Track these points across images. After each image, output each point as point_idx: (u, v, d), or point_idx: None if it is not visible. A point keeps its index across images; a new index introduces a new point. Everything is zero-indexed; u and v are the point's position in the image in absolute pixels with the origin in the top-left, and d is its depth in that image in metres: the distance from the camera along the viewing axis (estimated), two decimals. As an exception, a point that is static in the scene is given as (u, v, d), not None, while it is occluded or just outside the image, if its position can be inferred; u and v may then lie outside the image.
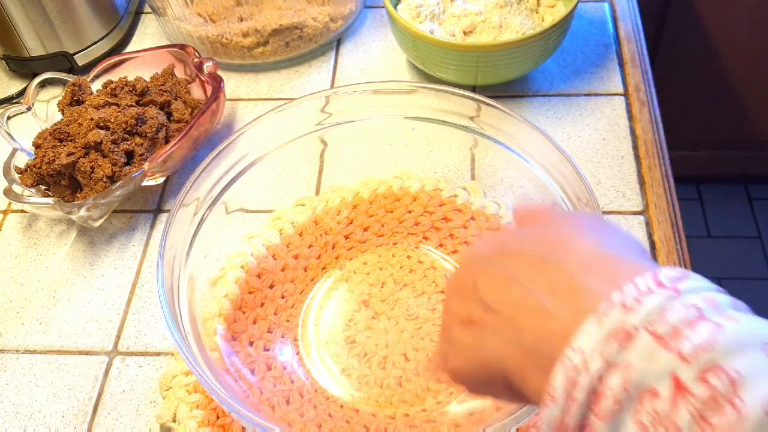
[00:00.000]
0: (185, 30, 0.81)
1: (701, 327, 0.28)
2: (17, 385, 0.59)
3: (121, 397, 0.58)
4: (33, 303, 0.65)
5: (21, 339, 0.62)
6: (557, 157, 0.55)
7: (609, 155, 0.70)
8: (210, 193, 0.59)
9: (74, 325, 0.63)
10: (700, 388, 0.27)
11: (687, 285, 0.30)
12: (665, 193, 0.66)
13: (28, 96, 0.71)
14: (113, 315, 0.63)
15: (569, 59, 0.79)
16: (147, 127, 0.68)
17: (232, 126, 0.77)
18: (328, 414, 0.55)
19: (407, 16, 0.75)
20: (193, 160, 0.72)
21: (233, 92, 0.80)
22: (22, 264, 0.68)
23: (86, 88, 0.72)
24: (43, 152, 0.66)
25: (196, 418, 0.55)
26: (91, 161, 0.65)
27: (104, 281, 0.66)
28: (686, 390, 0.27)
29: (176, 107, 0.72)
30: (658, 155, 0.69)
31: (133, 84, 0.72)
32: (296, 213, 0.66)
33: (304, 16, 0.80)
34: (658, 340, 0.28)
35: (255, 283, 0.62)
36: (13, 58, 0.83)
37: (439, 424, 0.53)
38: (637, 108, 0.73)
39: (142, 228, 0.69)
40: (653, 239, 0.63)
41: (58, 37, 0.81)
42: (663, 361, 0.28)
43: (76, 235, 0.69)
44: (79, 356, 0.61)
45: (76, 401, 0.58)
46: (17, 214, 0.72)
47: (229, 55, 0.82)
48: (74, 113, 0.68)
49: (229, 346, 0.58)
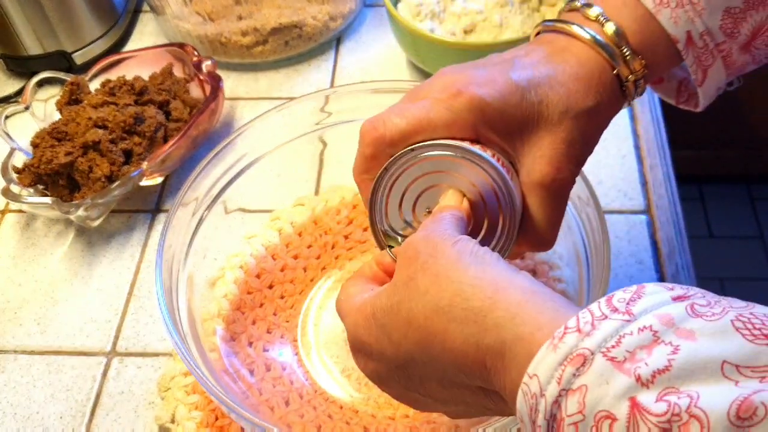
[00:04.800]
0: (184, 29, 0.81)
1: (657, 351, 0.27)
2: (15, 386, 0.59)
3: (120, 398, 0.58)
4: (31, 303, 0.64)
5: (19, 339, 0.62)
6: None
7: (611, 155, 0.69)
8: (209, 193, 0.59)
9: (72, 326, 0.62)
10: (660, 406, 0.26)
11: (640, 306, 0.29)
12: (667, 192, 0.66)
13: (26, 95, 0.71)
14: (111, 315, 0.63)
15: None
16: (145, 126, 0.67)
17: (231, 125, 0.76)
18: (327, 415, 0.54)
19: (407, 14, 0.75)
20: (191, 159, 0.71)
21: (232, 91, 0.80)
22: (20, 264, 0.68)
23: (84, 87, 0.72)
24: (41, 152, 0.65)
25: (195, 419, 0.55)
26: (90, 161, 0.65)
27: (102, 281, 0.65)
28: (644, 410, 0.26)
29: (175, 106, 0.71)
30: (660, 155, 0.69)
31: (132, 83, 0.71)
32: (296, 213, 0.66)
33: (304, 15, 0.79)
34: (615, 365, 0.28)
35: (254, 283, 0.61)
36: (11, 57, 0.83)
37: (439, 425, 0.53)
38: (638, 107, 0.73)
39: (140, 228, 0.69)
40: (655, 239, 0.63)
41: (56, 36, 0.81)
42: (620, 384, 0.27)
43: (74, 235, 0.69)
44: (77, 357, 0.60)
45: (74, 402, 0.58)
46: (15, 214, 0.72)
47: (228, 54, 0.81)
48: (72, 112, 0.68)
49: (228, 347, 0.57)
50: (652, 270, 0.61)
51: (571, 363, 0.28)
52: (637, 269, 0.61)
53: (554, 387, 0.29)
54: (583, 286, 0.52)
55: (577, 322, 0.29)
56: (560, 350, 0.29)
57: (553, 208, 0.41)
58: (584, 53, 0.41)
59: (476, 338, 0.33)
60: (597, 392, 0.27)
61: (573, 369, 0.28)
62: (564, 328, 0.29)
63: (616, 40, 0.41)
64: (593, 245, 0.51)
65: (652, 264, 0.61)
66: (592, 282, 0.50)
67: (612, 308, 0.29)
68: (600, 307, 0.30)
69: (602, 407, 0.27)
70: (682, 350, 0.27)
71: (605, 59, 0.41)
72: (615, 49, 0.41)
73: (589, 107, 0.40)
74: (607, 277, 0.47)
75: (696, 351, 0.27)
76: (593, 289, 0.49)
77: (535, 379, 0.29)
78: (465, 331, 0.33)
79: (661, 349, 0.27)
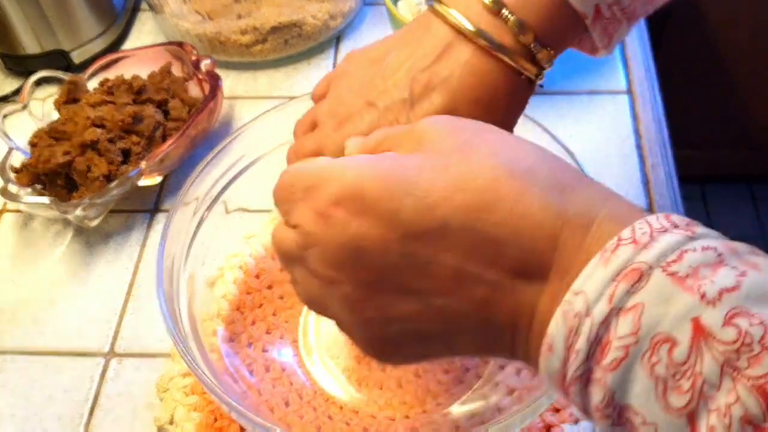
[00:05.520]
0: (183, 27, 0.80)
1: (723, 271, 0.24)
2: (13, 387, 0.59)
3: (118, 399, 0.57)
4: (28, 304, 0.64)
5: (16, 340, 0.62)
6: (560, 155, 0.55)
7: (612, 154, 0.69)
8: (209, 193, 0.58)
9: (70, 327, 0.62)
10: (729, 332, 0.23)
11: (702, 229, 0.27)
12: (669, 192, 0.66)
13: (23, 94, 0.71)
14: (110, 316, 0.62)
15: (571, 57, 0.78)
16: (144, 125, 0.67)
17: (230, 125, 0.76)
18: (327, 416, 0.54)
19: (407, 13, 0.74)
20: (190, 159, 0.71)
21: (231, 90, 0.79)
22: (18, 264, 0.67)
23: (82, 86, 0.72)
24: (39, 151, 0.65)
25: (194, 420, 0.55)
26: (88, 160, 0.64)
27: (101, 282, 0.65)
28: (711, 335, 0.23)
29: (173, 106, 0.71)
30: (662, 154, 0.69)
31: (130, 82, 0.71)
32: (295, 212, 0.65)
33: (303, 14, 0.79)
34: (677, 281, 0.24)
35: (253, 283, 0.61)
36: (8, 55, 0.82)
37: (440, 426, 0.53)
38: (640, 106, 0.73)
39: (139, 228, 0.68)
40: (657, 238, 0.62)
41: (54, 35, 0.80)
42: (682, 303, 0.24)
43: (72, 235, 0.69)
44: (75, 358, 0.60)
45: (73, 403, 0.58)
46: (13, 214, 0.71)
47: (227, 53, 0.81)
48: (70, 112, 0.68)
49: (228, 347, 0.57)
50: (654, 270, 0.60)
51: (625, 279, 0.25)
52: (640, 269, 0.60)
53: (604, 305, 0.25)
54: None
55: (633, 233, 0.26)
56: (612, 264, 0.26)
57: None
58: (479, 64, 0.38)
59: (560, 207, 0.28)
60: (655, 312, 0.24)
61: (627, 285, 0.25)
62: (618, 240, 0.26)
63: (522, 38, 0.38)
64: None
65: (654, 264, 0.61)
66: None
67: (672, 223, 0.27)
68: (659, 220, 0.27)
69: (661, 329, 0.24)
70: (750, 275, 0.24)
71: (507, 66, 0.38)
72: (520, 49, 0.38)
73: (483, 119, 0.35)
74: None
75: (764, 282, 0.24)
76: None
77: (581, 296, 0.26)
78: (549, 197, 0.29)
79: (727, 271, 0.24)
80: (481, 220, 0.29)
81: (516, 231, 0.28)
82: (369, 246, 0.30)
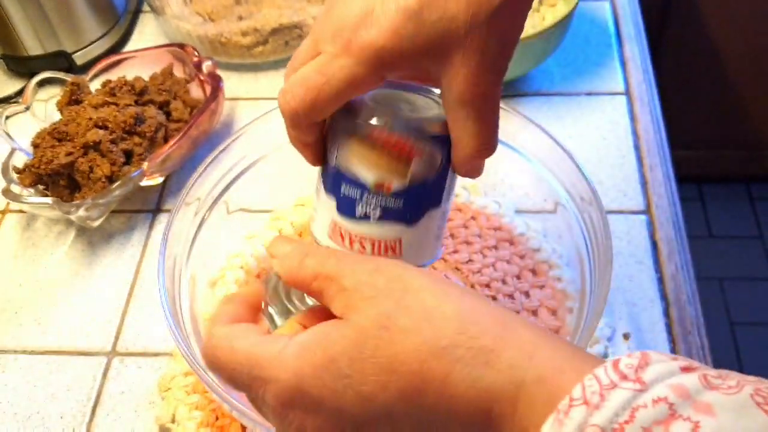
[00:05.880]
0: (184, 29, 0.81)
1: (676, 427, 0.24)
2: (15, 386, 0.59)
3: (120, 398, 0.58)
4: (31, 303, 0.64)
5: (19, 340, 0.62)
6: (559, 156, 0.55)
7: (610, 155, 0.69)
8: (211, 193, 0.59)
9: (73, 326, 0.62)
10: None
11: (651, 374, 0.26)
12: (667, 192, 0.66)
13: (26, 95, 0.71)
14: (112, 315, 0.63)
15: (570, 58, 0.79)
16: (146, 126, 0.67)
17: (231, 126, 0.76)
18: (328, 415, 0.54)
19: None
20: (191, 160, 0.71)
21: (232, 92, 0.80)
22: (21, 264, 0.68)
23: (85, 87, 0.72)
24: (42, 152, 0.65)
25: (195, 419, 0.55)
26: (90, 161, 0.65)
27: (103, 281, 0.65)
28: None
29: (175, 107, 0.71)
30: (660, 155, 0.69)
31: (132, 83, 0.71)
32: (296, 213, 0.66)
33: (304, 15, 0.79)
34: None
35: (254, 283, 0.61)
36: (11, 57, 0.83)
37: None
38: (638, 107, 0.73)
39: (140, 228, 0.69)
40: (655, 239, 0.63)
41: (56, 36, 0.81)
42: None
43: (74, 236, 0.69)
44: (77, 357, 0.60)
45: (75, 402, 0.58)
46: (16, 214, 0.72)
47: (228, 55, 0.81)
48: (73, 113, 0.68)
49: (229, 347, 0.57)
50: (651, 270, 0.61)
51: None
52: (637, 269, 0.61)
53: None
54: (585, 287, 0.52)
55: (583, 391, 0.26)
56: (567, 427, 0.26)
57: (482, 121, 0.37)
58: None
59: (486, 382, 0.29)
60: None
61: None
62: (570, 400, 0.26)
63: None
64: (595, 245, 0.51)
65: (651, 264, 0.61)
66: (594, 282, 0.50)
67: (620, 375, 0.26)
68: (607, 373, 0.27)
69: None
70: (703, 428, 0.24)
71: None
72: None
73: (497, 5, 0.34)
74: (609, 277, 0.47)
75: (718, 430, 0.24)
76: (596, 289, 0.49)
77: None
78: (473, 373, 0.29)
79: (679, 426, 0.24)
80: (417, 405, 0.30)
81: (450, 412, 0.30)
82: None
